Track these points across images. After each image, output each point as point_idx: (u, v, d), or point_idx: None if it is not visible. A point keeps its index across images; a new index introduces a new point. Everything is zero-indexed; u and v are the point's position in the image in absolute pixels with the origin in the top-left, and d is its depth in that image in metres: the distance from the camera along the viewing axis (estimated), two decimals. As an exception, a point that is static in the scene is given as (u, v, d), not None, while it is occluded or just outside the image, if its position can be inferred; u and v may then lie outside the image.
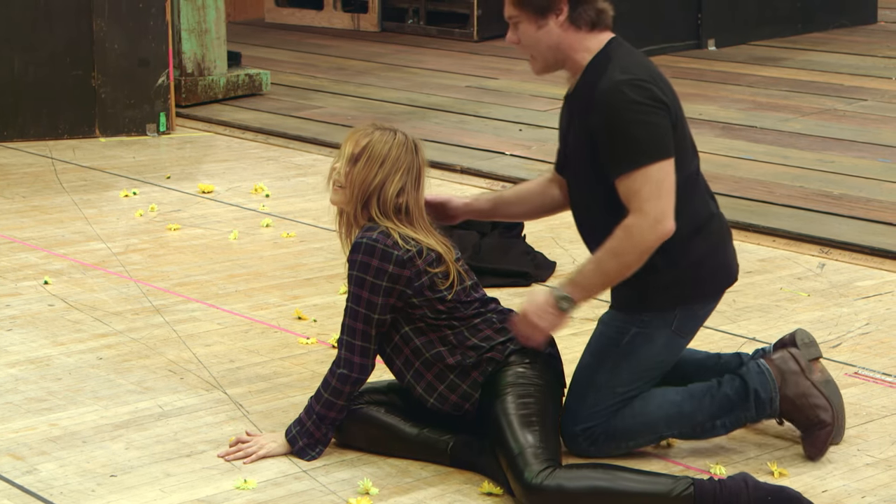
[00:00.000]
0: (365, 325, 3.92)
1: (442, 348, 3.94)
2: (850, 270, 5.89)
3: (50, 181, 7.46)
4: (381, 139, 3.98)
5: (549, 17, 3.92)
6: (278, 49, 11.87)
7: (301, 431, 4.00)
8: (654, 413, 4.01)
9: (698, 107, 9.07)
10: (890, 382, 4.64)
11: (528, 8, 3.92)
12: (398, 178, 3.95)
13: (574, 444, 3.99)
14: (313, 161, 8.01)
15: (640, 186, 3.81)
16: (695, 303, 4.02)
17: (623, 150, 3.83)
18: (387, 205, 3.94)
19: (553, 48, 3.96)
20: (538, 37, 3.95)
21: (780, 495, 3.64)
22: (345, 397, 3.95)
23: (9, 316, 5.31)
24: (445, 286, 3.93)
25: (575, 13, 3.92)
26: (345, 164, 3.99)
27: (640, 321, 3.97)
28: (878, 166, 7.54)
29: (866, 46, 11.44)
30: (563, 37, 3.94)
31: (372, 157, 3.95)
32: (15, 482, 3.91)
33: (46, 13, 8.32)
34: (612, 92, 3.83)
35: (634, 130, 3.82)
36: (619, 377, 3.98)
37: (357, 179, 3.96)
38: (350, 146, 3.99)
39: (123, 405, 4.46)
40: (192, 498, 3.82)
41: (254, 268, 5.96)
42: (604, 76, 3.87)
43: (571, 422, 3.99)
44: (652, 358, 4.00)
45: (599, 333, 4.03)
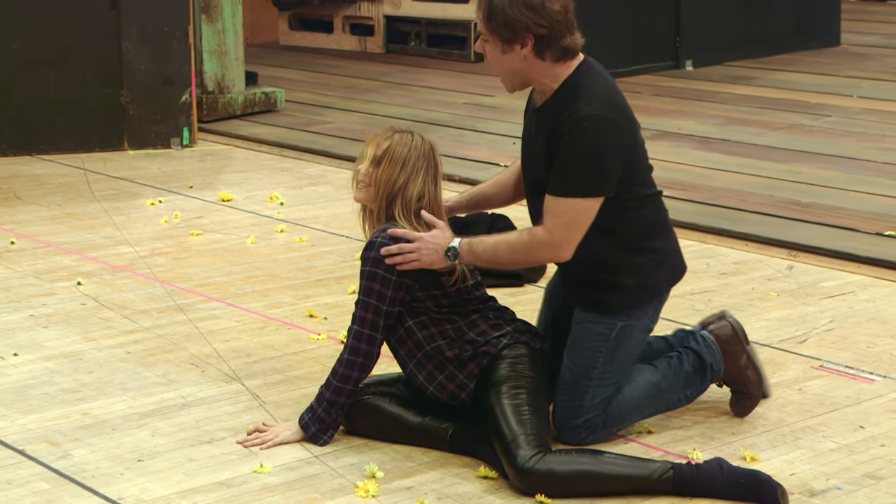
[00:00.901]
0: (374, 316, 3.93)
1: (441, 342, 3.95)
2: (816, 272, 5.89)
3: (82, 190, 7.46)
4: (400, 142, 3.98)
5: (513, 48, 3.86)
6: (292, 69, 11.87)
7: (313, 418, 4.00)
8: (640, 396, 4.06)
9: (677, 122, 9.06)
10: (852, 375, 4.64)
11: (496, 35, 3.87)
12: (419, 179, 3.96)
13: (574, 436, 3.98)
14: (324, 172, 8.01)
15: (561, 211, 3.83)
16: (664, 294, 4.10)
17: (567, 175, 3.82)
18: (409, 206, 3.96)
19: (515, 73, 3.92)
20: (501, 60, 3.91)
21: (752, 478, 3.66)
22: (352, 383, 3.95)
23: (45, 314, 5.31)
24: (450, 283, 3.94)
25: (539, 48, 3.86)
26: (368, 165, 3.98)
27: (624, 317, 3.99)
28: (842, 177, 7.55)
29: (830, 67, 11.44)
30: (525, 65, 3.89)
31: (393, 158, 3.95)
32: (51, 466, 3.92)
33: (79, 36, 8.32)
34: (578, 125, 3.79)
35: (584, 165, 3.81)
36: (612, 368, 4.00)
37: (382, 180, 3.96)
38: (372, 149, 3.99)
39: (149, 396, 4.46)
40: (213, 481, 3.82)
41: (269, 270, 5.96)
42: (573, 105, 3.82)
43: (574, 416, 3.98)
44: (635, 347, 4.05)
45: (587, 332, 4.02)
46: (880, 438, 4.11)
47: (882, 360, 4.79)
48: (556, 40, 3.84)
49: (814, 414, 4.29)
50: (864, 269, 5.89)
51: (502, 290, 5.48)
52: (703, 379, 4.15)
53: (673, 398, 4.12)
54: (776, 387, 4.50)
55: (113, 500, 3.70)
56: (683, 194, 7.15)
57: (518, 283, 5.64)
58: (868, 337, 5.04)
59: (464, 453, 3.96)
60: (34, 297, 5.52)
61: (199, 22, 9.10)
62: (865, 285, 5.70)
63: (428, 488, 3.77)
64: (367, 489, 3.72)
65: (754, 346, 4.31)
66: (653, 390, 4.07)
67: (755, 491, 3.64)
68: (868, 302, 5.47)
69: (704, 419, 4.24)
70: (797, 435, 4.13)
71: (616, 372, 4.01)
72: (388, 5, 12.79)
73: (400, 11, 12.73)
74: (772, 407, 4.34)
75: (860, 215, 6.68)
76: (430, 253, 3.87)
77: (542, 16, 3.81)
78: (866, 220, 6.59)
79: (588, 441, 3.99)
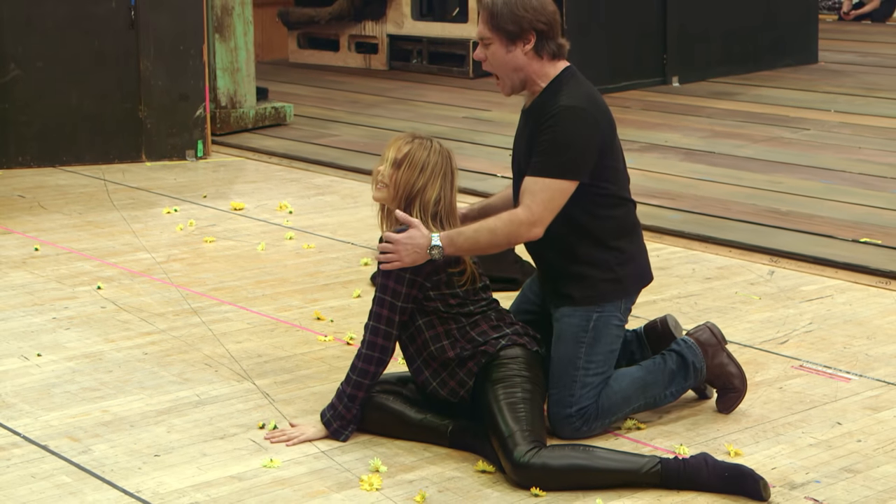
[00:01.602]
0: (390, 313, 3.92)
1: (445, 342, 3.94)
2: (795, 277, 5.89)
3: (102, 200, 7.45)
4: (420, 147, 3.98)
5: (517, 44, 4.01)
6: (300, 85, 11.87)
7: (334, 415, 3.99)
8: (629, 388, 4.08)
9: (664, 135, 9.06)
10: (830, 374, 4.63)
11: (501, 33, 4.01)
12: (437, 183, 3.96)
13: (568, 426, 3.98)
14: (330, 182, 8.00)
15: (539, 189, 3.92)
16: (632, 294, 4.16)
17: (545, 157, 3.93)
18: (427, 208, 3.95)
19: (517, 70, 4.04)
20: (506, 59, 4.04)
21: (736, 471, 3.66)
22: (370, 377, 3.94)
23: (67, 316, 5.31)
24: (461, 282, 3.94)
25: (540, 44, 4.01)
26: (388, 167, 3.98)
27: (598, 310, 4.05)
28: (820, 186, 7.54)
29: (808, 83, 11.44)
30: (526, 62, 4.03)
31: (413, 163, 3.96)
32: (72, 460, 3.91)
33: (100, 55, 8.32)
34: (556, 113, 3.94)
35: (561, 148, 3.93)
36: (595, 358, 4.02)
37: (401, 182, 3.96)
38: (393, 152, 3.99)
39: (166, 394, 4.45)
40: (225, 475, 3.81)
41: (278, 275, 5.95)
42: (554, 99, 3.98)
43: (566, 405, 3.99)
44: (612, 340, 4.07)
45: (567, 325, 4.06)
46: (857, 434, 4.10)
47: (858, 359, 4.78)
48: (553, 38, 4.02)
49: (794, 411, 4.28)
50: (841, 274, 5.88)
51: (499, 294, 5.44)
52: (687, 376, 4.17)
53: (659, 393, 4.14)
54: (758, 385, 4.50)
55: (131, 493, 3.69)
56: (670, 203, 7.15)
57: (514, 287, 5.62)
58: (845, 338, 5.03)
59: (463, 449, 3.95)
60: (57, 301, 5.51)
61: (212, 41, 9.09)
62: (842, 289, 5.69)
63: (429, 482, 3.76)
64: (372, 482, 3.71)
65: (738, 347, 4.31)
66: (639, 384, 4.10)
67: (739, 484, 3.64)
68: (845, 305, 5.46)
69: (691, 416, 4.24)
70: (778, 431, 4.12)
71: (599, 362, 4.02)
72: (392, 25, 12.79)
73: (402, 31, 12.73)
74: (754, 404, 4.33)
75: (837, 223, 6.67)
76: (410, 252, 3.88)
77: (542, 13, 4.00)
78: (843, 227, 6.58)
79: (583, 432, 3.98)
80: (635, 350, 4.31)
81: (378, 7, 12.81)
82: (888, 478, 3.78)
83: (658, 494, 3.66)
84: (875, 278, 5.79)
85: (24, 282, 5.80)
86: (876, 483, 3.75)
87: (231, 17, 9.24)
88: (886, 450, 3.98)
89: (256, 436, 4.08)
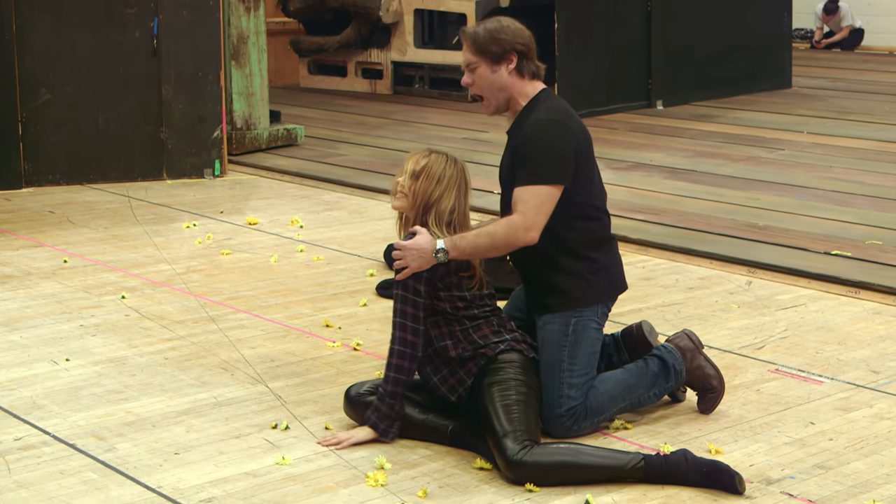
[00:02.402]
0: (414, 310, 3.91)
1: (448, 342, 3.94)
2: (772, 287, 5.88)
3: (126, 215, 7.45)
4: (437, 160, 4.00)
5: (501, 64, 4.08)
6: (310, 108, 11.88)
7: (379, 416, 3.95)
8: (614, 388, 4.08)
9: (649, 154, 9.06)
10: (804, 377, 4.63)
11: (486, 55, 4.08)
12: (452, 195, 3.97)
13: (559, 426, 3.98)
14: (339, 199, 8.00)
15: (529, 197, 3.95)
16: (606, 301, 4.15)
17: (529, 166, 3.97)
18: (442, 217, 3.96)
19: (502, 90, 4.10)
20: (492, 79, 4.10)
21: (713, 467, 3.67)
22: (405, 373, 3.91)
23: (93, 324, 5.30)
24: (470, 285, 3.96)
25: (521, 64, 4.08)
26: (407, 178, 3.99)
27: (576, 315, 4.05)
28: (794, 203, 7.54)
29: (783, 106, 11.45)
30: (510, 81, 4.10)
31: (430, 174, 3.97)
32: (98, 458, 3.90)
33: (125, 80, 8.33)
34: (535, 126, 4.00)
35: (542, 156, 3.97)
36: (578, 360, 4.02)
37: (419, 192, 3.97)
38: (411, 164, 4.01)
39: (185, 396, 4.45)
40: (241, 471, 3.80)
41: (290, 285, 5.95)
42: (532, 115, 4.04)
43: (556, 405, 3.98)
44: (592, 343, 4.07)
45: (549, 332, 4.05)
46: (828, 433, 4.10)
47: (830, 364, 4.78)
48: (531, 59, 4.11)
49: (770, 412, 4.28)
50: (814, 285, 5.88)
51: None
52: (668, 377, 4.17)
53: (643, 394, 4.14)
54: (737, 388, 4.49)
55: (153, 489, 3.69)
56: (655, 218, 7.15)
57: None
58: (818, 344, 5.03)
59: (463, 447, 3.95)
60: (84, 309, 5.51)
61: (229, 67, 9.10)
62: (815, 298, 5.69)
63: (430, 478, 3.76)
64: (377, 479, 3.70)
65: (718, 352, 4.31)
66: (624, 385, 4.10)
67: (716, 478, 3.65)
68: (818, 313, 5.46)
69: (674, 416, 4.23)
70: (755, 430, 4.12)
71: (583, 364, 4.01)
72: (396, 52, 12.81)
73: (406, 57, 12.74)
74: (733, 405, 4.32)
75: (810, 237, 6.67)
76: (416, 257, 3.89)
77: (519, 36, 4.10)
78: (816, 241, 6.58)
79: (573, 431, 3.98)
80: (613, 353, 4.30)
81: (383, 36, 12.82)
82: (858, 474, 3.78)
83: (644, 489, 3.66)
84: (845, 288, 5.79)
85: (54, 291, 5.80)
86: (846, 479, 3.75)
87: (246, 45, 9.25)
88: (856, 448, 3.97)
89: (270, 435, 4.08)
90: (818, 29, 16.49)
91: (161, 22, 8.32)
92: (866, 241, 6.53)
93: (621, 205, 7.33)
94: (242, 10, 9.20)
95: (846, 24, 16.21)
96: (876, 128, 10.19)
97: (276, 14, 13.41)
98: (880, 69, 14.15)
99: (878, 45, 16.34)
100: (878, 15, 16.48)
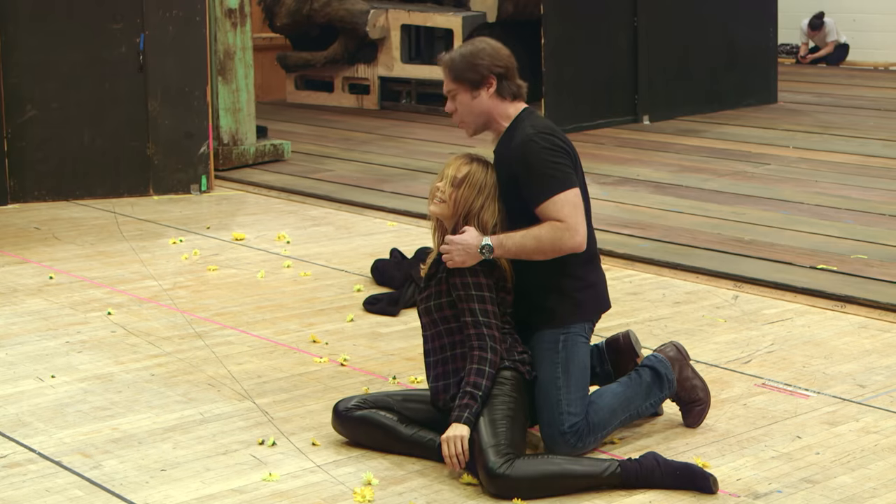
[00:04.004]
0: (492, 306, 3.90)
1: (458, 350, 3.94)
2: (758, 301, 5.90)
3: (113, 231, 7.44)
4: (479, 169, 3.99)
5: (481, 90, 4.07)
6: (297, 123, 11.88)
7: (473, 412, 3.83)
8: (612, 403, 4.08)
9: (636, 169, 9.09)
10: (790, 391, 4.64)
11: (464, 83, 4.07)
12: (494, 204, 3.96)
13: (564, 443, 3.95)
14: (326, 214, 8.00)
15: (560, 207, 3.94)
16: (592, 318, 4.15)
17: (542, 183, 3.95)
18: (486, 228, 3.95)
19: (483, 113, 4.09)
20: (472, 105, 4.09)
21: (687, 470, 3.73)
22: (497, 365, 3.89)
23: (79, 340, 5.29)
24: (506, 301, 3.98)
25: (501, 86, 4.07)
26: (448, 185, 3.98)
27: (564, 331, 4.04)
28: (780, 217, 7.57)
29: (769, 121, 11.49)
30: (491, 105, 4.08)
31: (472, 183, 3.96)
32: (84, 475, 3.89)
33: (111, 96, 8.33)
34: (526, 143, 3.98)
35: (548, 168, 3.95)
36: (573, 376, 4.01)
37: (461, 201, 3.96)
38: (452, 170, 4.00)
39: (171, 412, 4.44)
40: (227, 488, 3.80)
41: (277, 301, 5.95)
42: (518, 134, 4.02)
43: (558, 423, 3.96)
44: (583, 357, 4.06)
45: (540, 350, 4.04)
46: (815, 447, 4.10)
47: (816, 378, 4.79)
48: (511, 79, 4.09)
49: (757, 426, 4.29)
50: (800, 299, 5.89)
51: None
52: (662, 387, 4.18)
53: (640, 405, 4.14)
54: (724, 402, 4.50)
55: (139, 506, 3.68)
56: (641, 233, 7.16)
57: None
58: (804, 358, 5.04)
59: (449, 462, 3.94)
60: (70, 326, 5.50)
61: (215, 83, 9.11)
62: (802, 312, 5.70)
63: (418, 493, 3.76)
64: (364, 495, 3.70)
65: (705, 367, 4.32)
66: (621, 398, 4.10)
67: (691, 480, 3.70)
68: (804, 327, 5.47)
69: (661, 431, 4.24)
70: (742, 444, 4.12)
71: (578, 378, 4.00)
72: (382, 68, 12.83)
73: (392, 73, 12.77)
74: (720, 420, 4.33)
75: (796, 251, 6.69)
76: (461, 251, 3.90)
77: (497, 58, 4.07)
78: (801, 255, 6.60)
79: (578, 448, 3.96)
80: (595, 364, 4.29)
81: (370, 51, 12.85)
82: (844, 488, 3.78)
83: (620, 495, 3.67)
84: (831, 302, 5.81)
85: (40, 308, 5.78)
86: (833, 493, 3.75)
87: (233, 61, 9.26)
88: (843, 462, 3.98)
89: (257, 451, 4.07)
90: (803, 44, 16.57)
91: (147, 38, 8.32)
92: (852, 256, 6.55)
93: (608, 220, 7.35)
94: (229, 26, 9.21)
95: (831, 39, 16.29)
96: (861, 142, 10.24)
97: (262, 29, 13.43)
98: (865, 84, 14.22)
99: (863, 60, 16.42)
100: (863, 30, 16.57)
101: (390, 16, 12.63)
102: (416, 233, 7.35)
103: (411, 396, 4.09)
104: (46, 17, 8.17)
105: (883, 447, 4.09)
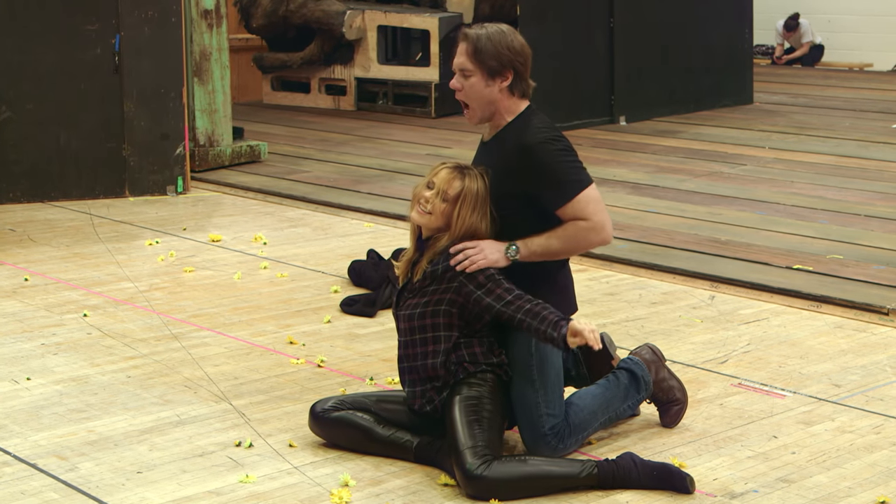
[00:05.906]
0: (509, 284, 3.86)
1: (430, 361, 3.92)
2: (734, 301, 5.92)
3: (88, 233, 7.41)
4: (472, 185, 3.92)
5: (496, 80, 4.00)
6: (274, 125, 11.86)
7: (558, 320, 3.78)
8: (592, 404, 4.08)
9: (612, 170, 9.11)
10: (766, 391, 4.66)
11: (483, 67, 3.98)
12: (488, 216, 3.94)
13: (545, 445, 3.94)
14: (302, 215, 7.99)
15: (584, 205, 3.92)
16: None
17: (562, 185, 3.92)
18: (483, 238, 3.93)
19: (490, 103, 4.02)
20: (483, 93, 4.01)
21: (663, 469, 3.74)
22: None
23: (54, 342, 5.27)
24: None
25: (514, 83, 4.01)
26: (437, 198, 3.92)
27: None
28: (756, 218, 7.60)
29: (745, 122, 11.54)
30: (500, 98, 4.02)
31: (468, 201, 3.91)
32: (60, 478, 3.88)
33: (86, 97, 8.30)
34: (539, 146, 3.93)
35: (566, 169, 3.94)
36: (548, 377, 3.99)
37: (459, 221, 3.89)
38: (444, 184, 3.91)
39: (148, 414, 4.43)
40: (204, 490, 3.79)
41: (254, 302, 5.93)
42: (525, 133, 3.96)
43: (539, 426, 3.95)
44: (556, 359, 4.02)
45: (515, 354, 4.00)
46: (791, 447, 4.12)
47: (792, 377, 4.82)
48: (525, 77, 4.04)
49: (733, 426, 4.30)
50: (776, 299, 5.92)
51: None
52: (639, 389, 4.19)
53: (619, 407, 4.15)
54: (700, 402, 4.52)
55: (115, 508, 3.67)
56: (618, 234, 7.17)
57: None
58: (780, 358, 5.06)
59: (427, 463, 3.94)
60: (45, 328, 5.48)
61: (191, 84, 9.08)
62: (778, 313, 5.73)
63: (395, 495, 3.76)
64: (341, 496, 3.70)
65: (681, 367, 4.33)
66: (601, 400, 4.11)
67: (667, 480, 3.72)
68: (780, 327, 5.50)
69: (637, 431, 4.25)
70: (719, 444, 4.14)
71: (553, 379, 3.98)
72: (359, 69, 12.82)
73: (369, 74, 12.76)
74: (696, 420, 4.35)
75: (772, 251, 6.72)
76: (494, 251, 3.89)
77: (521, 54, 4.02)
78: (777, 255, 6.63)
79: (559, 450, 3.95)
80: (571, 367, 4.27)
81: (346, 52, 12.83)
82: (820, 487, 3.80)
83: (598, 495, 3.68)
84: (807, 302, 5.84)
85: (15, 310, 5.76)
86: (809, 492, 3.77)
87: (209, 62, 9.24)
88: (819, 461, 4.00)
89: (233, 453, 4.06)
90: (779, 45, 16.65)
91: (123, 39, 8.29)
92: (827, 256, 6.59)
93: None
94: (205, 27, 9.19)
95: (806, 40, 16.38)
96: (836, 143, 10.29)
97: (238, 30, 13.40)
98: (840, 85, 14.30)
99: (838, 60, 16.52)
100: (838, 31, 16.66)
101: (367, 17, 12.62)
102: (392, 234, 7.35)
103: (388, 398, 4.09)
104: (21, 17, 8.13)
105: (858, 446, 4.12)
